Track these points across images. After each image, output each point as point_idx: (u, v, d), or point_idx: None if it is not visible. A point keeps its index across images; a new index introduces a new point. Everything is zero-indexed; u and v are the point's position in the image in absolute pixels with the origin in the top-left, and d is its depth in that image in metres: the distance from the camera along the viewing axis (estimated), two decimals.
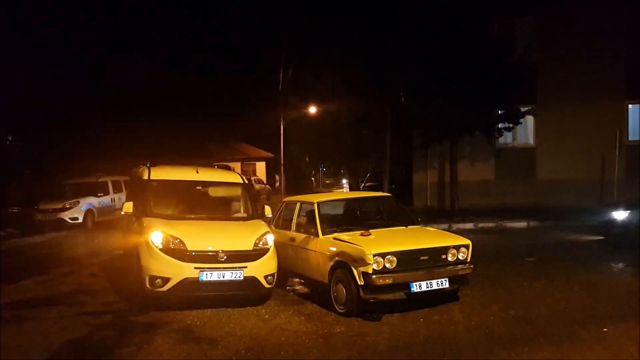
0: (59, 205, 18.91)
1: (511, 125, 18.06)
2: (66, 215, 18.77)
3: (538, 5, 18.80)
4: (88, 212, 19.14)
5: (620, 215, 11.61)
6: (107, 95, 28.59)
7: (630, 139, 18.72)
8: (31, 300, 8.44)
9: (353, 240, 7.30)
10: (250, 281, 7.64)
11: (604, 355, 5.39)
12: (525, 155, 19.51)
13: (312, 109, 33.84)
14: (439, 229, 9.61)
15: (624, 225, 11.38)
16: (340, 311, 7.20)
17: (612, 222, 11.74)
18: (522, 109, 17.99)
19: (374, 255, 6.75)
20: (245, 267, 7.61)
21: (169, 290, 7.43)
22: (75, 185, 20.18)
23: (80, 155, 25.73)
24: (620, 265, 9.67)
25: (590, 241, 12.64)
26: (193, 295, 7.54)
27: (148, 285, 7.50)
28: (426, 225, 9.24)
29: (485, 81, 16.58)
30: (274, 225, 9.22)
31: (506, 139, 19.36)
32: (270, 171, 43.03)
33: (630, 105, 18.86)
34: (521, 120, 18.17)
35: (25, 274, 10.37)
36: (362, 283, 6.82)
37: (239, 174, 10.25)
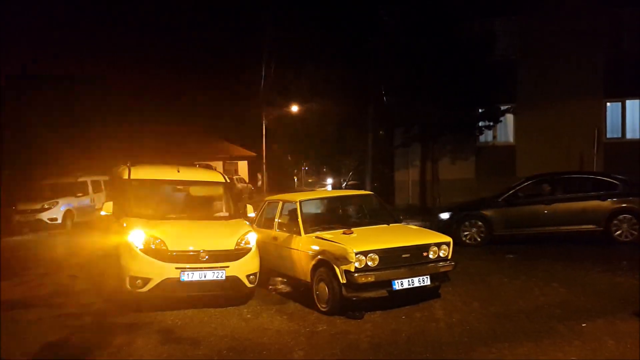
0: (38, 206, 18.67)
1: (491, 123, 18.25)
2: (45, 216, 18.54)
3: (518, 4, 18.97)
4: (67, 213, 18.92)
5: (444, 216, 12.77)
6: (86, 93, 28.29)
7: (608, 136, 18.99)
8: (9, 302, 8.29)
9: (335, 239, 7.30)
10: (232, 281, 7.60)
11: (583, 350, 5.47)
12: (505, 153, 19.68)
13: (295, 108, 33.79)
14: (420, 226, 9.67)
15: (445, 226, 12.28)
16: (323, 310, 7.20)
17: (439, 223, 12.74)
18: (502, 108, 18.17)
19: (356, 254, 6.76)
20: (227, 266, 7.57)
21: (149, 290, 7.36)
22: (54, 185, 19.91)
23: (58, 155, 25.40)
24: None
25: None
26: (174, 295, 7.49)
27: (128, 286, 7.43)
28: (408, 223, 9.29)
29: (466, 80, 16.70)
30: (256, 225, 9.19)
31: (487, 137, 19.52)
32: (253, 170, 42.86)
33: (608, 104, 19.12)
34: (501, 118, 18.37)
35: (2, 276, 10.19)
36: (345, 281, 6.83)
37: (220, 173, 10.20)
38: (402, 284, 6.97)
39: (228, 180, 9.63)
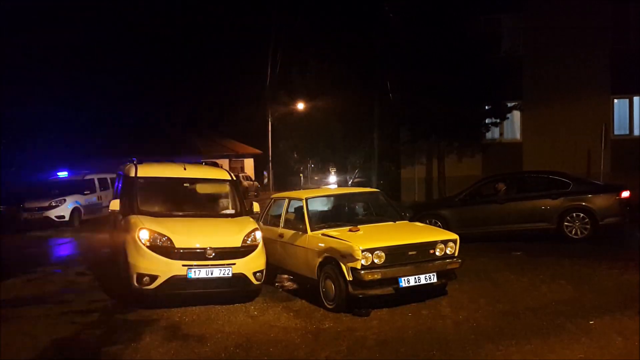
0: (45, 204, 18.73)
1: (498, 120, 18.19)
2: (52, 214, 18.61)
3: (524, 1, 18.90)
4: (74, 210, 18.98)
5: None
6: (92, 92, 28.40)
7: (615, 133, 18.91)
8: (18, 299, 8.36)
9: (341, 236, 7.29)
10: (239, 278, 7.62)
11: (591, 347, 5.45)
12: (511, 150, 19.61)
13: (300, 105, 33.75)
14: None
15: None
16: (329, 307, 7.20)
17: None
18: (509, 104, 18.12)
19: (363, 251, 6.76)
20: (234, 263, 7.58)
21: (156, 287, 7.39)
22: (62, 183, 19.99)
23: (66, 152, 25.54)
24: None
25: None
26: (181, 292, 7.51)
27: (136, 283, 7.46)
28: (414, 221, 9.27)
29: (472, 77, 16.64)
30: (262, 222, 9.21)
31: (493, 134, 19.47)
32: (259, 168, 42.89)
33: (615, 100, 19.04)
34: (508, 115, 18.31)
35: (11, 273, 10.26)
36: (351, 278, 6.83)
37: (226, 170, 10.23)
38: (408, 281, 6.97)
39: (234, 178, 9.63)
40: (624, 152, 18.24)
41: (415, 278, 7.00)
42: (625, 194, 11.53)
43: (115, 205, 8.66)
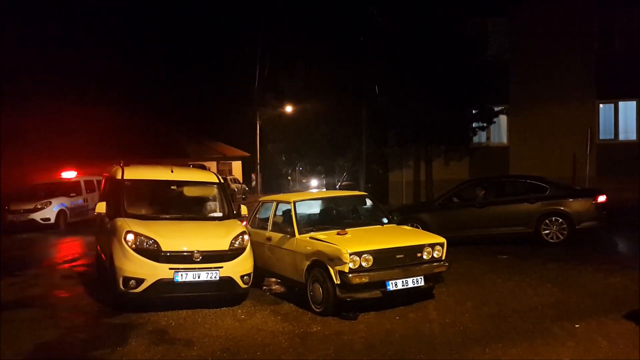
0: (31, 206, 18.58)
1: (485, 124, 18.30)
2: (38, 216, 18.46)
3: (511, 5, 19.07)
4: (60, 213, 18.83)
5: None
6: (80, 93, 28.19)
7: (601, 137, 19.09)
8: (2, 302, 8.26)
9: (329, 240, 7.29)
10: (226, 281, 7.59)
11: (576, 350, 5.49)
12: (498, 154, 19.75)
13: (289, 108, 33.74)
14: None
15: None
16: (317, 310, 7.20)
17: None
18: (496, 109, 18.23)
19: (351, 254, 6.76)
20: (221, 267, 7.55)
21: (143, 291, 7.34)
22: (47, 185, 19.82)
23: (52, 154, 25.30)
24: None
25: None
26: (168, 296, 7.47)
27: (122, 287, 7.40)
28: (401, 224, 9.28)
29: (459, 81, 16.73)
30: (250, 225, 9.19)
31: (480, 138, 19.58)
32: (247, 170, 42.79)
33: (601, 105, 19.24)
34: (495, 119, 18.43)
35: None
36: (339, 282, 6.83)
37: (214, 173, 10.18)
38: (396, 284, 6.98)
39: (222, 181, 9.59)
40: (608, 156, 18.44)
41: (402, 281, 7.02)
42: (602, 198, 11.62)
43: (101, 207, 8.59)
